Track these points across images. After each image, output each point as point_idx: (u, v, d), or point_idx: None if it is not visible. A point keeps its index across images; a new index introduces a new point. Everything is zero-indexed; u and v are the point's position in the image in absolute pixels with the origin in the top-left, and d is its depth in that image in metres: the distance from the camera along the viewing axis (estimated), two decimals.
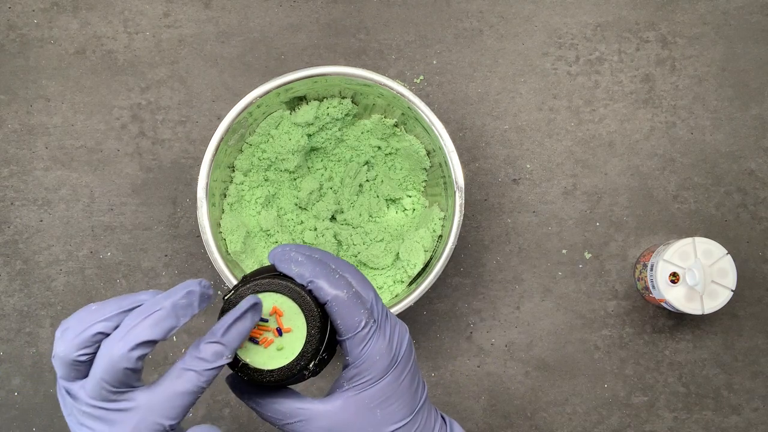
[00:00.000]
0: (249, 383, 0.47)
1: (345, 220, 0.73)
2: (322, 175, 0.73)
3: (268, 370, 0.45)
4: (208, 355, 0.42)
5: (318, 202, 0.72)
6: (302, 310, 0.45)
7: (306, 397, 0.47)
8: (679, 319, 0.75)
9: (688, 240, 0.70)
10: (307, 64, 0.75)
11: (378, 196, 0.73)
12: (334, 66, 0.65)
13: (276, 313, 0.45)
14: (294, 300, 0.45)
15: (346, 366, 0.47)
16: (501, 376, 0.75)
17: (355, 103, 0.71)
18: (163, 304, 0.42)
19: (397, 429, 0.46)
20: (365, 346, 0.45)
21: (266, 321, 0.45)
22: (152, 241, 0.74)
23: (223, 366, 0.43)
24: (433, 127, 0.65)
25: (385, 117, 0.71)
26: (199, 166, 0.72)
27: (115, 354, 0.41)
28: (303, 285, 0.45)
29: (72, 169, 0.74)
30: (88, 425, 0.43)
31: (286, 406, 0.46)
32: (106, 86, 0.74)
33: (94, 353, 0.42)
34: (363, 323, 0.45)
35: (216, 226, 0.67)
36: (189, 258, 0.74)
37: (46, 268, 0.74)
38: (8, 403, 0.73)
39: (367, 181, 0.73)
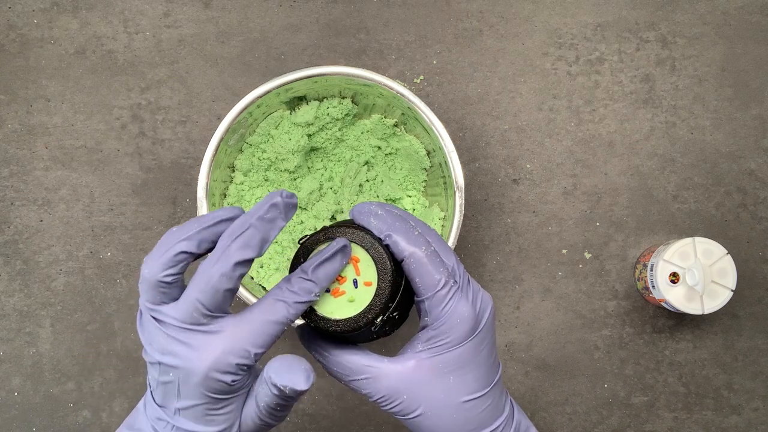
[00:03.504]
0: (317, 334, 0.46)
1: None
2: (322, 175, 0.73)
3: (334, 319, 0.44)
4: (298, 289, 0.42)
5: (318, 202, 0.72)
6: (375, 262, 0.43)
7: (375, 354, 0.45)
8: (679, 319, 0.75)
9: (688, 240, 0.70)
10: (307, 64, 0.75)
11: (378, 196, 0.73)
12: (334, 66, 0.65)
13: (354, 260, 0.44)
14: (368, 251, 0.43)
15: (423, 328, 0.45)
16: None
17: (355, 103, 0.71)
18: (251, 221, 0.41)
19: (469, 400, 0.44)
20: (445, 306, 0.43)
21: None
22: (152, 241, 0.74)
23: (310, 302, 0.43)
24: (433, 127, 0.65)
25: (385, 117, 0.71)
26: (199, 166, 0.72)
27: (214, 274, 0.40)
28: (380, 239, 0.44)
29: (72, 169, 0.74)
30: (173, 351, 0.41)
31: (353, 362, 0.44)
32: (106, 86, 0.74)
33: (179, 273, 0.42)
34: (443, 282, 0.43)
35: None
36: None
37: (46, 268, 0.74)
38: (8, 403, 0.73)
39: (367, 181, 0.73)
